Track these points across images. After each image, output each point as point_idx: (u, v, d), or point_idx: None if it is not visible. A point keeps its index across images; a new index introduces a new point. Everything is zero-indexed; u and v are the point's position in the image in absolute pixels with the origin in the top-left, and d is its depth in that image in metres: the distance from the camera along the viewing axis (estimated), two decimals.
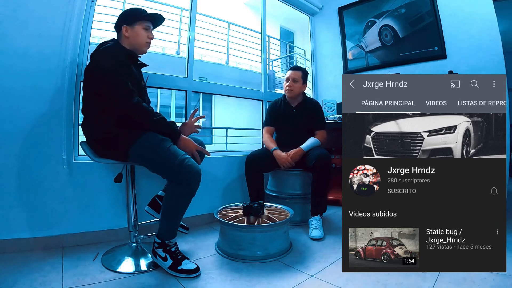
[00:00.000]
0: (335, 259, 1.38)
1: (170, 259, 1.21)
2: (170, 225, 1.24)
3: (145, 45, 1.32)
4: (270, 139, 2.04)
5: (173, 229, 1.25)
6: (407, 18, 2.45)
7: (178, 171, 1.15)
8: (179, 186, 1.18)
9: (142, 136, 1.18)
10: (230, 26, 5.31)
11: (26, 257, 1.30)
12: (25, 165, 1.39)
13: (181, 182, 1.17)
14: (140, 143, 1.17)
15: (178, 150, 1.20)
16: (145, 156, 1.19)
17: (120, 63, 1.19)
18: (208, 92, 2.41)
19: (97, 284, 1.11)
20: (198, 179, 1.19)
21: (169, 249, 1.23)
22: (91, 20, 1.61)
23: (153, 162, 1.20)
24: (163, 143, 1.18)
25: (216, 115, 7.28)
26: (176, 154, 1.17)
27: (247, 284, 1.16)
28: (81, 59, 1.55)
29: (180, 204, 1.22)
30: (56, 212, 1.45)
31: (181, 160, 1.16)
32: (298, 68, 2.09)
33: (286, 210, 1.66)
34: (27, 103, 1.40)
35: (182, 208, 1.23)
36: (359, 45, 2.76)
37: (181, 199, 1.20)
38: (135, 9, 1.31)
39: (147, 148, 1.17)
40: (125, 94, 1.17)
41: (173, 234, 1.25)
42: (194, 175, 1.17)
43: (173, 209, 1.22)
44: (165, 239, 1.23)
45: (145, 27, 1.30)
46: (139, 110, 1.19)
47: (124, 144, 1.18)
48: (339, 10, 2.87)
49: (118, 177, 1.33)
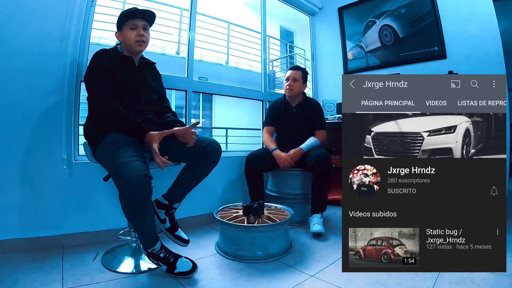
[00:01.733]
0: (335, 259, 1.38)
1: (163, 265, 1.19)
2: (141, 235, 1.17)
3: (136, 44, 1.27)
4: (270, 139, 2.04)
5: (146, 238, 1.17)
6: (407, 18, 2.45)
7: (113, 177, 1.03)
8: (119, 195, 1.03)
9: (104, 138, 1.15)
10: (230, 26, 5.31)
11: (26, 257, 1.30)
12: (25, 165, 1.39)
13: (118, 188, 1.02)
14: (101, 145, 1.15)
15: (125, 152, 1.05)
16: (100, 160, 1.17)
17: (100, 66, 1.19)
18: (208, 92, 2.41)
19: (97, 284, 1.11)
20: (130, 187, 0.98)
21: (157, 257, 1.19)
22: (91, 20, 1.61)
23: (104, 167, 1.16)
24: (114, 145, 1.10)
25: (216, 115, 7.28)
26: (117, 158, 1.03)
27: (247, 284, 1.16)
28: (81, 59, 1.55)
29: (128, 213, 1.09)
30: (56, 212, 1.45)
31: (118, 165, 1.00)
32: (298, 67, 2.10)
33: (286, 210, 1.66)
34: (27, 103, 1.40)
35: (133, 218, 1.10)
36: (359, 45, 2.76)
37: (125, 209, 1.07)
38: (121, 14, 1.30)
39: (102, 150, 1.14)
40: (96, 96, 1.18)
41: (149, 242, 1.17)
42: (124, 182, 0.98)
43: (129, 219, 1.19)
44: (147, 248, 1.18)
45: (131, 26, 1.27)
46: (105, 112, 1.15)
47: (94, 146, 1.20)
48: (339, 10, 2.87)
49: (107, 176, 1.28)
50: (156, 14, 1.36)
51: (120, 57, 1.27)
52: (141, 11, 1.29)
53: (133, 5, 1.41)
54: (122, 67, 1.26)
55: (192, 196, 1.43)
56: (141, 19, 1.29)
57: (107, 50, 1.27)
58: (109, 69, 1.21)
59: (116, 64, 1.24)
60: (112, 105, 1.16)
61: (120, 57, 1.27)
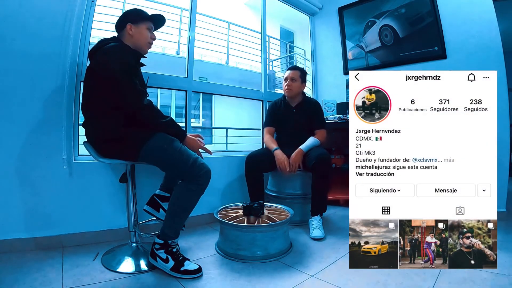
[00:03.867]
0: (335, 259, 1.38)
1: (172, 260, 1.21)
2: (176, 224, 1.24)
3: (147, 45, 1.33)
4: (271, 140, 2.04)
5: (178, 228, 1.25)
6: (407, 18, 2.45)
7: (191, 170, 1.19)
8: (190, 184, 1.21)
9: (153, 137, 1.20)
10: (230, 26, 5.30)
11: (26, 257, 1.30)
12: (25, 165, 1.39)
13: (193, 180, 1.20)
14: (152, 144, 1.19)
15: (188, 150, 1.25)
16: (158, 156, 1.21)
17: (129, 63, 1.20)
18: (208, 92, 2.41)
19: (97, 284, 1.12)
20: (209, 177, 1.24)
21: (171, 250, 1.22)
22: (91, 20, 1.61)
23: (166, 161, 1.22)
24: (174, 143, 1.22)
25: (216, 115, 7.28)
26: (189, 153, 1.23)
27: (247, 284, 1.16)
28: (81, 59, 1.55)
29: (190, 202, 1.23)
30: (56, 212, 1.46)
31: (194, 159, 1.21)
32: (296, 67, 2.10)
33: (286, 210, 1.66)
34: (27, 103, 1.40)
35: (190, 206, 1.24)
36: (359, 45, 2.76)
37: (192, 197, 1.23)
38: (139, 9, 1.33)
39: (159, 148, 1.19)
40: (136, 95, 1.18)
41: (177, 233, 1.25)
42: (206, 173, 1.22)
43: (182, 207, 1.23)
44: (168, 239, 1.23)
45: (149, 27, 1.32)
46: (149, 111, 1.21)
47: (135, 144, 1.19)
48: (339, 10, 2.87)
49: (123, 177, 1.35)
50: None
51: (133, 53, 1.27)
52: (163, 20, 1.37)
53: (133, 5, 1.42)
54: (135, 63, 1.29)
55: None
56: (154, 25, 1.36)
57: (122, 44, 1.26)
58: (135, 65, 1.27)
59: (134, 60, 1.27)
60: (153, 104, 1.23)
61: (131, 52, 1.26)
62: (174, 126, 1.27)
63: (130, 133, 1.20)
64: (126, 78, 1.16)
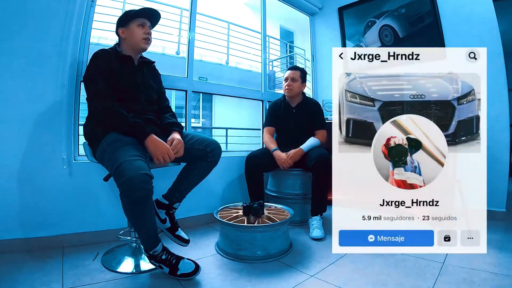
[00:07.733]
0: (335, 259, 1.38)
1: (165, 267, 1.17)
2: (142, 236, 1.15)
3: (142, 41, 1.30)
4: (270, 140, 2.04)
5: (147, 239, 1.14)
6: (407, 18, 2.44)
7: (114, 176, 1.03)
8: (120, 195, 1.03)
9: (104, 137, 1.14)
10: (230, 26, 5.31)
11: (26, 257, 1.30)
12: (25, 165, 1.39)
13: (118, 188, 1.02)
14: (101, 145, 1.15)
15: (126, 151, 1.06)
16: (101, 159, 1.18)
17: (98, 67, 1.19)
18: (208, 92, 2.41)
19: (97, 284, 1.12)
20: (131, 186, 0.98)
21: (159, 259, 1.16)
22: (91, 20, 1.61)
23: (105, 166, 1.16)
24: (114, 144, 1.10)
25: (216, 115, 7.27)
26: (117, 157, 1.03)
27: (247, 284, 1.16)
28: (81, 59, 1.55)
29: (129, 213, 1.09)
30: (56, 212, 1.45)
31: (119, 164, 1.01)
32: (296, 67, 2.11)
33: (286, 210, 1.66)
34: (27, 103, 1.40)
35: (133, 218, 1.10)
36: (359, 45, 2.75)
37: (126, 209, 1.07)
38: (127, 11, 1.32)
39: (102, 150, 1.14)
40: (93, 99, 1.18)
41: (151, 243, 1.14)
42: (126, 181, 0.98)
43: (130, 219, 1.17)
44: (148, 250, 1.16)
45: (140, 23, 1.29)
46: (104, 115, 1.16)
47: (94, 147, 1.19)
48: (339, 10, 2.87)
49: (107, 176, 1.28)
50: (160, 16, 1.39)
51: (120, 57, 1.27)
52: (154, 12, 1.33)
53: (134, 5, 1.42)
54: (122, 67, 1.26)
55: (192, 196, 1.43)
56: (148, 19, 1.32)
57: (106, 50, 1.27)
58: (108, 69, 1.21)
59: (115, 64, 1.24)
60: (112, 105, 1.16)
61: (119, 57, 1.27)
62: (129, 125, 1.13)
63: (93, 134, 1.20)
64: (89, 81, 1.19)
